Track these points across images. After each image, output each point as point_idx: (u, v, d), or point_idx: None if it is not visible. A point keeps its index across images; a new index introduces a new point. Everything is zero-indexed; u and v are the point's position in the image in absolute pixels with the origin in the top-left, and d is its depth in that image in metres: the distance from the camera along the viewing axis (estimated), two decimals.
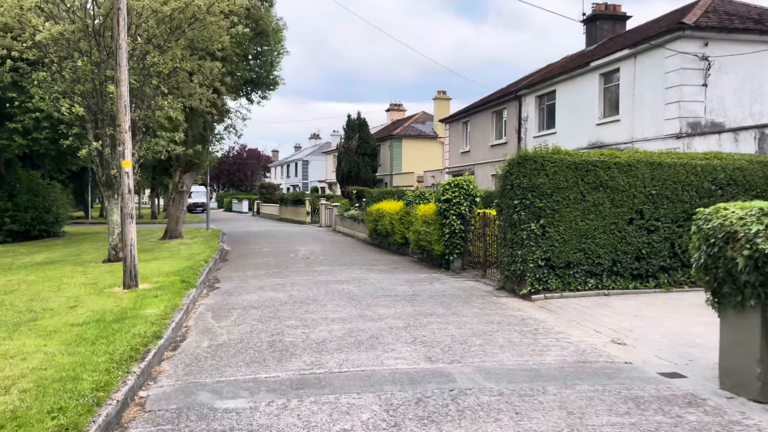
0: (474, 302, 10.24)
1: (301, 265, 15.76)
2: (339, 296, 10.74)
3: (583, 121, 21.07)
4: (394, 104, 53.77)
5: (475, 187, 14.62)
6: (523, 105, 25.18)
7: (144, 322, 7.80)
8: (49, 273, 13.77)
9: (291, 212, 43.57)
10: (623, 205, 10.98)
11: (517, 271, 10.90)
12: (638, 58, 18.44)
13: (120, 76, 10.96)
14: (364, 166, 41.10)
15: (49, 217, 25.14)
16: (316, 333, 7.89)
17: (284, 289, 11.58)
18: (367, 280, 12.88)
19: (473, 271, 14.01)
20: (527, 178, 10.66)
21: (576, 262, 10.76)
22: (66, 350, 6.41)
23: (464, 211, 14.30)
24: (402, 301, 10.21)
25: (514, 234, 10.98)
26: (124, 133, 10.99)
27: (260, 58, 24.80)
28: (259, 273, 14.22)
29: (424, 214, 15.46)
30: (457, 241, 14.35)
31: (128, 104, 11.08)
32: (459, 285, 12.23)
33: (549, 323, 8.64)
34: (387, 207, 20.01)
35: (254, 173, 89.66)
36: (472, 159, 30.09)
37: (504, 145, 26.94)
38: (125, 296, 10.09)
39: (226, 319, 8.90)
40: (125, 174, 11.00)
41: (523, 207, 10.71)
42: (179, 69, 16.35)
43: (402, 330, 8.05)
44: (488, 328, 8.24)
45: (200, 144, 23.73)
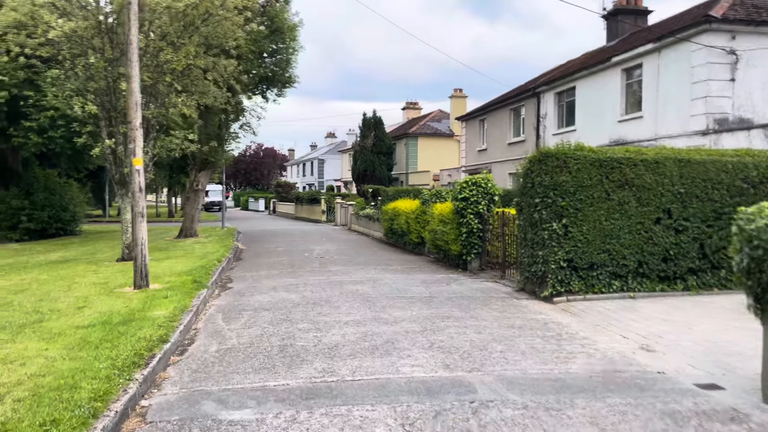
0: (493, 305, 9.85)
1: (316, 264, 15.47)
2: (353, 297, 10.41)
3: (603, 118, 20.51)
4: (410, 102, 53.36)
5: (493, 185, 14.20)
6: (542, 102, 24.64)
7: (151, 324, 7.54)
8: (61, 272, 13.64)
9: (306, 211, 43.39)
10: (650, 204, 10.51)
11: (538, 272, 10.49)
12: (662, 53, 17.85)
13: (131, 71, 10.73)
14: (379, 165, 40.78)
15: (66, 215, 25.15)
16: (328, 337, 7.56)
17: (297, 290, 11.28)
18: (382, 280, 12.54)
19: (491, 272, 13.60)
20: (549, 175, 10.23)
21: (600, 263, 10.31)
22: (68, 355, 6.15)
23: (482, 209, 13.89)
24: (418, 303, 9.85)
25: (535, 234, 10.56)
26: (135, 130, 10.76)
27: (276, 55, 24.55)
28: (273, 273, 13.94)
29: (441, 213, 15.07)
30: (474, 240, 13.95)
31: (139, 101, 10.85)
32: (477, 286, 11.84)
33: (573, 328, 8.23)
34: (403, 206, 19.65)
35: (270, 172, 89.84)
36: (489, 157, 29.60)
37: (522, 143, 26.42)
38: (135, 297, 9.86)
39: (237, 321, 8.61)
40: (136, 172, 10.77)
41: (544, 206, 10.29)
42: (193, 66, 16.14)
43: (418, 334, 7.70)
44: (509, 332, 7.85)
45: (216, 142, 23.57)
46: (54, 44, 14.17)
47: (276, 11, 23.01)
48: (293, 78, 25.35)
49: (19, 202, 22.89)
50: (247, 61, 21.42)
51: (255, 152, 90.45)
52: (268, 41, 22.80)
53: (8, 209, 22.79)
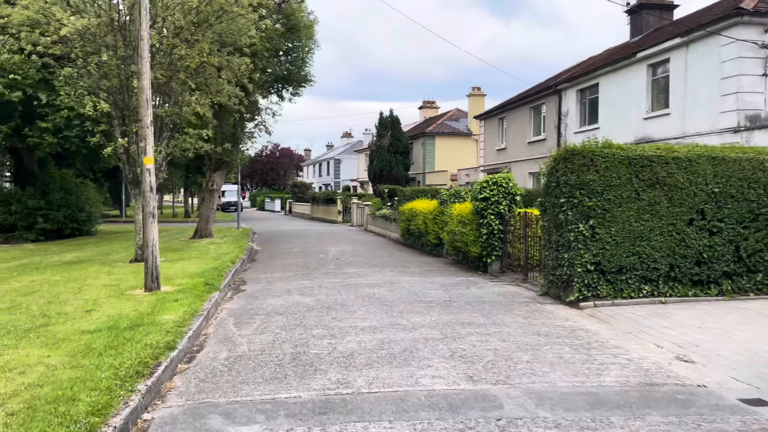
0: (516, 310, 9.39)
1: (331, 266, 15.10)
2: (369, 301, 10.02)
3: (628, 116, 19.89)
4: (427, 101, 52.85)
5: (514, 184, 13.73)
6: (563, 99, 24.05)
7: (159, 330, 7.21)
8: (74, 273, 13.44)
9: (322, 211, 43.12)
10: (682, 204, 9.98)
11: (563, 275, 10.00)
12: (690, 48, 17.21)
13: (142, 68, 10.46)
14: (396, 165, 40.36)
15: (82, 215, 25.10)
16: (343, 344, 7.17)
17: (312, 293, 10.92)
18: (399, 283, 12.13)
19: (513, 275, 13.13)
20: (575, 174, 9.75)
21: (629, 266, 9.81)
22: (69, 363, 5.83)
23: (503, 210, 13.42)
24: (437, 308, 9.43)
25: (560, 235, 10.08)
26: (146, 129, 10.49)
27: (291, 54, 24.27)
28: (287, 275, 13.61)
29: (460, 213, 14.63)
30: (495, 242, 13.49)
31: (150, 98, 10.58)
32: (498, 290, 11.38)
33: (602, 335, 7.75)
34: (420, 206, 19.23)
35: (287, 172, 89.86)
36: (509, 156, 29.04)
37: (542, 142, 25.84)
38: (145, 300, 9.57)
39: (248, 326, 8.26)
40: (147, 171, 10.49)
41: (570, 206, 9.81)
42: (207, 64, 15.87)
43: (438, 342, 7.28)
44: (535, 340, 7.40)
45: (230, 142, 23.35)
46: (66, 42, 13.99)
47: (292, 9, 22.72)
48: (309, 77, 25.05)
49: (35, 202, 22.84)
50: (263, 60, 21.15)
51: (271, 152, 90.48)
52: (283, 39, 22.52)
53: (24, 209, 22.76)
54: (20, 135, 20.83)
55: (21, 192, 23.52)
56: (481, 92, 43.09)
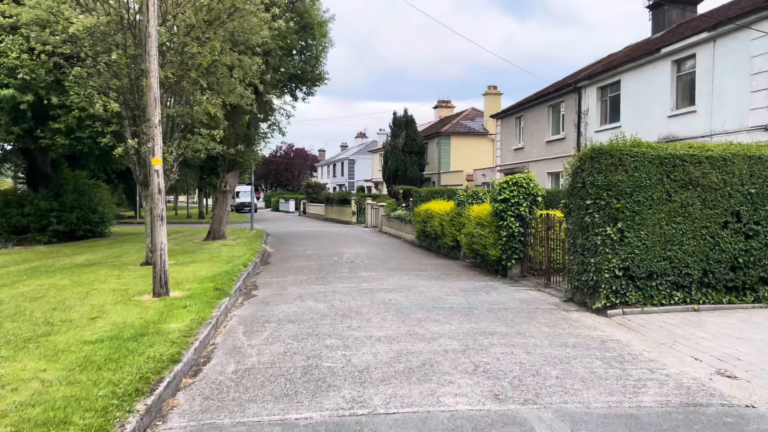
0: (540, 318, 8.90)
1: (345, 270, 14.69)
2: (385, 308, 9.57)
3: (652, 114, 19.24)
4: (442, 101, 52.25)
5: (535, 185, 13.21)
6: (583, 97, 23.42)
7: (164, 340, 6.84)
8: (83, 277, 13.17)
9: (337, 212, 42.77)
10: (717, 206, 9.42)
11: (590, 281, 9.49)
12: (718, 42, 16.55)
13: (150, 65, 10.12)
14: (411, 165, 39.87)
15: (95, 216, 24.95)
16: (358, 356, 6.74)
17: (325, 299, 10.50)
18: (415, 288, 11.68)
19: (534, 279, 12.62)
20: (602, 174, 9.23)
21: (660, 272, 9.27)
22: (66, 378, 5.46)
23: (524, 212, 12.92)
24: (457, 316, 8.96)
25: (586, 239, 9.57)
26: (154, 128, 10.15)
27: (305, 52, 23.93)
28: (300, 279, 13.22)
29: (478, 215, 14.15)
30: (515, 245, 12.99)
31: (158, 96, 10.24)
32: (520, 296, 10.88)
33: (635, 347, 7.24)
34: (436, 207, 18.76)
35: (301, 173, 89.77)
36: (526, 156, 28.44)
37: (561, 141, 25.23)
38: (152, 306, 9.21)
39: (259, 335, 7.86)
40: (155, 172, 10.15)
41: (597, 208, 9.29)
42: (218, 63, 15.55)
43: (460, 354, 6.82)
44: (563, 353, 6.91)
45: (244, 143, 23.05)
46: (75, 41, 13.73)
47: (305, 7, 22.37)
48: (323, 76, 24.69)
49: (47, 204, 22.71)
50: (275, 58, 20.83)
51: (285, 153, 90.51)
52: (297, 37, 22.17)
53: (37, 211, 22.63)
54: (32, 136, 20.70)
55: (34, 194, 23.41)
56: (497, 91, 42.44)
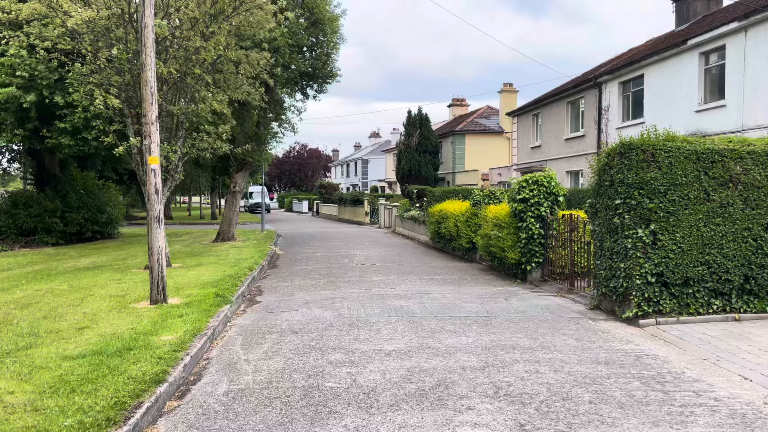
0: (566, 328, 8.14)
1: (356, 273, 14.01)
2: (396, 317, 8.87)
3: (677, 109, 18.33)
4: (457, 99, 51.40)
5: (557, 184, 12.44)
6: (604, 93, 22.53)
7: (151, 356, 6.20)
8: (83, 281, 12.65)
9: (350, 212, 42.15)
10: (760, 206, 8.60)
11: (619, 288, 8.72)
12: (750, 32, 15.62)
13: (146, 58, 9.53)
14: (425, 164, 39.10)
15: (103, 217, 24.55)
16: (365, 375, 6.05)
17: (333, 306, 9.82)
18: (429, 294, 10.97)
19: (556, 284, 11.84)
20: (633, 171, 8.46)
21: (697, 277, 8.47)
22: (33, 403, 4.84)
23: (544, 212, 12.15)
24: (474, 326, 8.23)
25: (615, 242, 8.80)
26: (151, 125, 9.55)
27: (316, 49, 23.28)
28: (308, 283, 12.56)
29: (496, 216, 13.40)
30: (535, 247, 12.22)
31: (155, 91, 9.64)
32: (542, 303, 10.12)
33: (675, 364, 6.47)
34: (451, 207, 18.02)
35: (315, 173, 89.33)
36: (544, 154, 27.58)
37: (581, 139, 24.34)
38: (147, 314, 8.61)
39: (258, 348, 7.21)
40: (151, 171, 9.55)
41: (627, 208, 8.52)
42: (224, 58, 14.96)
43: (478, 372, 6.10)
44: (594, 371, 6.16)
45: (254, 142, 22.49)
46: (75, 36, 13.21)
47: (315, 2, 21.74)
48: (335, 73, 24.05)
49: (51, 204, 22.29)
50: (284, 55, 20.21)
51: (299, 153, 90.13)
52: (307, 33, 21.54)
53: (43, 211, 22.24)
54: (39, 137, 20.31)
55: (38, 193, 23.04)
56: (513, 88, 41.53)
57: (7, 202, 22.99)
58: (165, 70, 13.37)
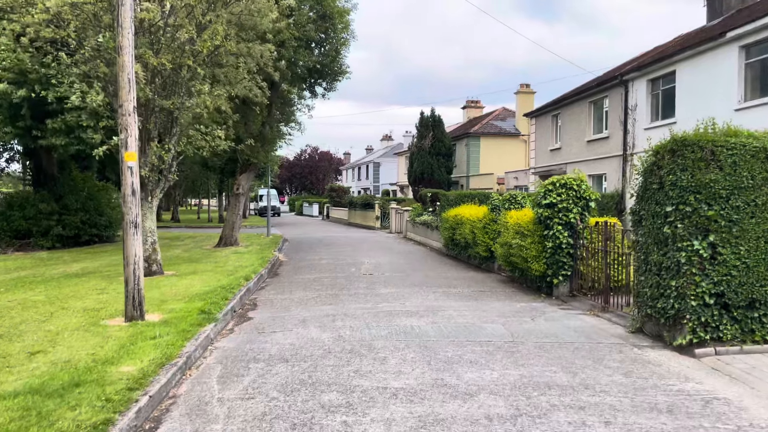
0: (608, 359, 6.82)
1: (362, 284, 12.74)
2: (406, 341, 7.59)
3: (714, 107, 16.85)
4: (471, 101, 50.03)
5: (588, 187, 11.12)
6: (630, 91, 21.11)
7: (98, 396, 4.98)
8: (64, 290, 11.54)
9: (360, 217, 40.93)
10: None
11: (669, 309, 7.38)
12: None
13: (123, 40, 8.36)
14: (437, 167, 37.79)
15: (102, 220, 23.54)
16: (364, 425, 4.78)
17: (333, 325, 8.56)
18: (444, 311, 9.67)
19: (587, 301, 10.49)
20: (688, 172, 7.13)
21: (765, 299, 7.12)
22: None
23: (573, 219, 10.82)
24: (498, 354, 6.93)
25: (664, 255, 7.46)
26: (127, 116, 8.38)
27: (324, 45, 22.09)
28: (308, 296, 11.31)
29: (518, 222, 12.08)
30: (563, 258, 10.89)
31: (133, 78, 8.47)
32: (574, 323, 8.79)
33: (754, 412, 5.15)
34: (466, 212, 16.72)
35: (326, 176, 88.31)
36: (564, 157, 26.17)
37: (605, 140, 22.92)
38: (116, 335, 7.41)
39: (237, 383, 5.96)
40: (127, 170, 8.37)
41: (680, 216, 7.19)
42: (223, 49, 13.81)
43: (509, 424, 4.80)
44: (657, 424, 4.84)
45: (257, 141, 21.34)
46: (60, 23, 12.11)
47: None
48: (344, 69, 22.85)
49: (47, 206, 21.28)
50: (290, 49, 19.06)
51: (310, 156, 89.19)
52: (315, 27, 20.35)
53: (38, 213, 21.23)
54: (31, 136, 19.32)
55: (34, 195, 22.05)
56: (530, 89, 40.11)
57: (1, 203, 22.04)
58: (156, 60, 12.26)
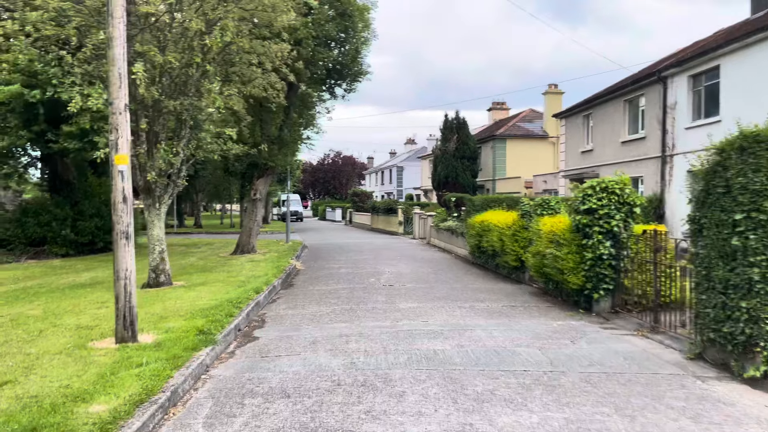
0: (669, 395, 5.72)
1: (381, 297, 11.75)
2: (428, 370, 6.58)
3: (764, 103, 15.52)
4: (497, 103, 48.76)
5: (632, 191, 9.98)
6: (670, 88, 19.78)
7: None
8: (64, 303, 10.85)
9: (383, 222, 39.99)
10: None
11: (737, 334, 6.25)
12: None
13: (113, 31, 7.55)
14: (462, 171, 36.64)
15: None
16: None
17: (346, 349, 7.59)
18: (471, 330, 8.63)
19: (632, 318, 9.35)
20: (762, 174, 6.02)
21: None
22: None
23: (616, 227, 9.70)
24: (537, 390, 5.88)
25: (732, 271, 6.34)
26: (118, 114, 7.56)
27: (344, 44, 21.23)
28: (322, 311, 10.37)
29: (552, 230, 10.99)
30: (604, 271, 9.77)
31: (125, 72, 7.65)
32: (621, 347, 7.68)
33: None
34: (494, 218, 15.63)
35: (349, 181, 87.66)
36: (596, 159, 24.86)
37: (641, 141, 21.59)
38: (100, 361, 6.56)
39: (227, 426, 5.03)
40: (118, 174, 7.54)
41: (752, 225, 6.08)
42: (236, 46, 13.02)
43: None
44: None
45: (275, 144, 20.57)
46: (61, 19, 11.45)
47: None
48: (364, 70, 21.98)
49: (60, 211, 20.78)
50: (308, 48, 18.24)
51: (333, 160, 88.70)
52: (334, 25, 19.50)
53: (53, 219, 20.75)
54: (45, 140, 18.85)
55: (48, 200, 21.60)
56: (559, 90, 38.70)
57: (16, 210, 21.65)
58: (161, 58, 11.51)
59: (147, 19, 11.67)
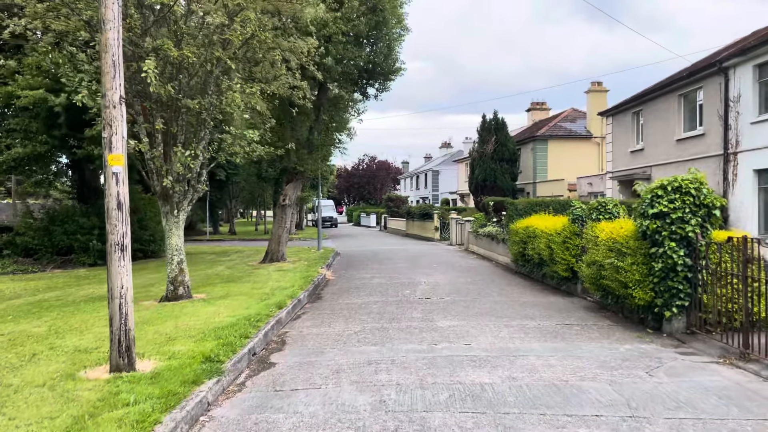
0: None
1: (417, 313, 10.52)
2: (473, 414, 5.33)
3: None
4: (536, 103, 46.95)
5: (710, 191, 8.54)
6: (732, 80, 18.03)
7: None
8: (73, 320, 10.06)
9: (418, 227, 38.73)
10: None
11: None
12: None
13: (106, 12, 6.58)
14: (501, 174, 35.07)
15: (146, 234, 22.41)
16: None
17: (375, 381, 6.40)
18: (523, 357, 7.34)
19: (713, 341, 7.90)
20: None
21: None
22: None
23: (692, 233, 8.27)
24: None
25: None
26: (112, 108, 6.58)
27: (376, 42, 20.15)
28: (350, 330, 9.21)
29: (612, 237, 9.61)
30: (678, 284, 8.36)
31: (120, 60, 6.68)
32: (708, 380, 6.29)
33: None
34: (541, 224, 14.26)
35: (384, 186, 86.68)
36: (648, 159, 23.11)
37: (699, 138, 19.84)
38: (83, 398, 5.55)
39: None
40: (111, 176, 6.56)
41: None
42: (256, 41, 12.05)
43: None
44: None
45: (304, 148, 19.61)
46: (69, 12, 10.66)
47: None
48: (398, 68, 20.83)
49: (87, 220, 20.25)
50: (338, 45, 17.23)
51: (368, 165, 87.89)
52: (365, 20, 18.43)
53: (79, 228, 20.24)
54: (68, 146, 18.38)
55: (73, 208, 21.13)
56: (603, 87, 36.77)
57: (44, 218, 21.26)
58: (176, 52, 10.59)
59: (161, 11, 10.80)
